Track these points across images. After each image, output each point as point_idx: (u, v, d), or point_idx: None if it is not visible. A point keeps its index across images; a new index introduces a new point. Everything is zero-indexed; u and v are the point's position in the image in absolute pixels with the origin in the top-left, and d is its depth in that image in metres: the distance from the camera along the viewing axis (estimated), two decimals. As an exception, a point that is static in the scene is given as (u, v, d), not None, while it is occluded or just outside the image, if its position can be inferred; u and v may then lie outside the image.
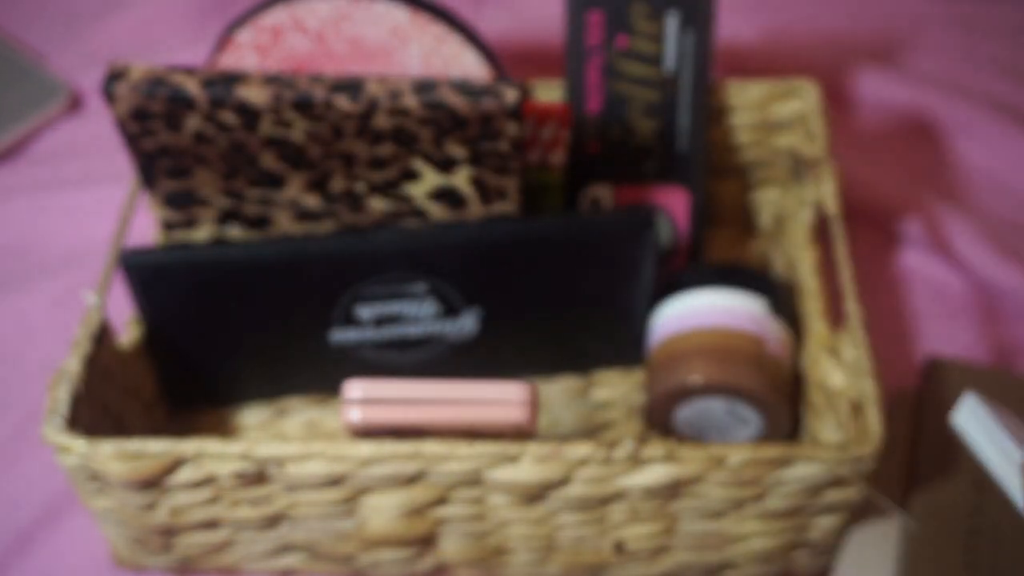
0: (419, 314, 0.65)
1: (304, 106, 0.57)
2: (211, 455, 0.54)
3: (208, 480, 0.55)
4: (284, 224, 0.64)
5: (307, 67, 0.65)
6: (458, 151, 0.59)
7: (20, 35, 0.99)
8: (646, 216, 0.63)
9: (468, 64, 0.65)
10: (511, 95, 0.57)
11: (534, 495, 0.55)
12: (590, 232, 0.63)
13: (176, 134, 0.58)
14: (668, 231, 0.73)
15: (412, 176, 0.61)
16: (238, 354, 0.66)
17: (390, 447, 0.54)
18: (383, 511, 0.57)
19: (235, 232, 0.64)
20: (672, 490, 0.55)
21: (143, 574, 0.64)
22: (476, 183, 0.61)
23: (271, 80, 0.57)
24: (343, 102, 0.57)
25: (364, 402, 0.54)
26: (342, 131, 0.58)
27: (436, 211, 0.63)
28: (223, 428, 0.69)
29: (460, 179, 0.61)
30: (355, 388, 0.54)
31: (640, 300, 0.67)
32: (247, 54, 0.65)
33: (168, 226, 0.63)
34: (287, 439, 0.56)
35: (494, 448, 0.53)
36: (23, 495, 0.67)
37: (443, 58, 0.65)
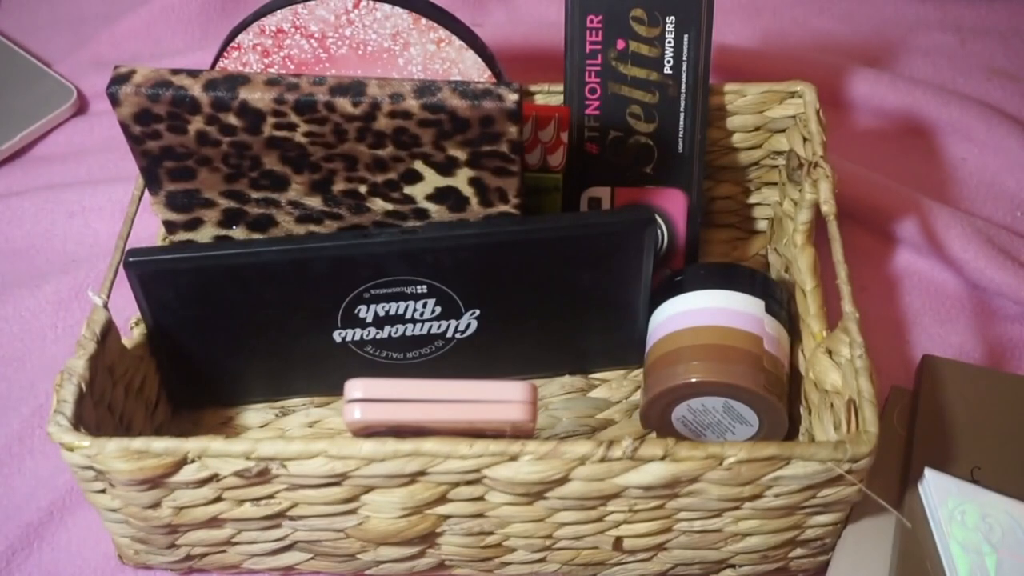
0: (420, 314, 0.65)
1: (306, 108, 0.57)
2: (214, 454, 0.54)
3: (211, 479, 0.55)
4: (286, 225, 0.64)
5: (309, 70, 0.66)
6: (459, 153, 0.59)
7: (28, 40, 1.00)
8: (645, 216, 0.63)
9: (468, 67, 0.65)
10: (511, 97, 0.57)
11: (534, 494, 0.56)
12: (590, 232, 0.63)
13: (180, 136, 0.59)
14: (666, 232, 0.74)
15: (413, 177, 0.61)
16: (241, 354, 0.66)
17: (391, 446, 0.54)
18: (384, 509, 0.57)
19: (238, 233, 0.64)
20: (670, 489, 0.55)
21: (147, 572, 0.64)
22: (476, 184, 0.61)
23: (273, 82, 0.57)
24: (345, 104, 0.57)
25: (365, 401, 0.54)
26: (344, 133, 0.58)
27: (437, 212, 0.63)
28: (226, 427, 0.70)
29: (461, 180, 0.61)
30: (356, 387, 0.54)
31: (639, 300, 0.67)
32: (250, 57, 0.65)
33: (171, 227, 0.64)
34: (289, 438, 0.56)
35: (494, 447, 0.53)
36: (29, 493, 0.68)
37: (444, 61, 0.65)
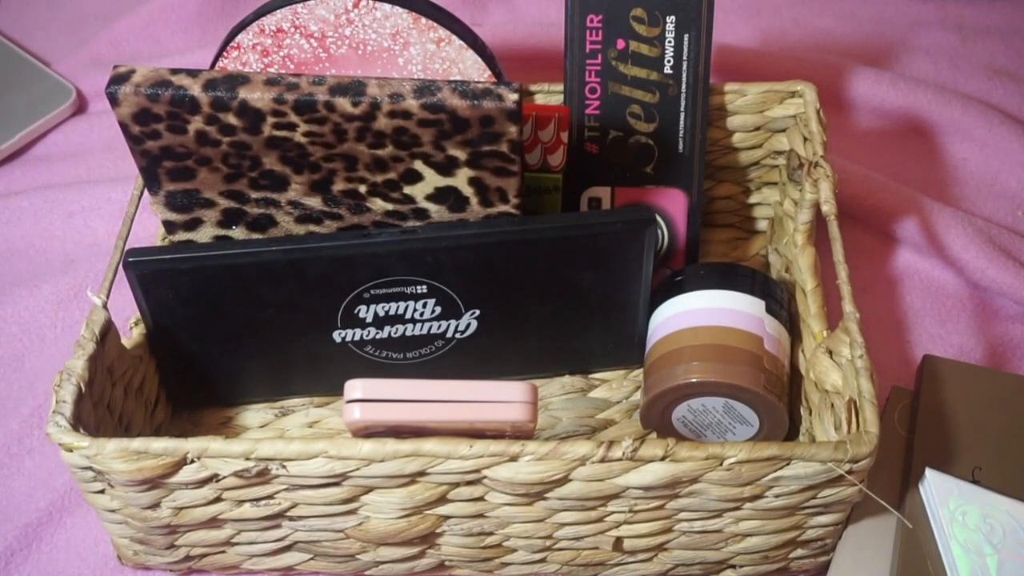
0: (420, 314, 0.65)
1: (306, 108, 0.57)
2: (214, 454, 0.54)
3: (211, 479, 0.55)
4: (286, 225, 0.64)
5: (309, 70, 0.66)
6: (459, 153, 0.59)
7: (28, 39, 1.00)
8: (646, 216, 0.63)
9: (468, 67, 0.65)
10: (511, 97, 0.57)
11: (534, 494, 0.56)
12: (590, 232, 0.63)
13: (179, 136, 0.59)
14: (666, 232, 0.74)
15: (413, 177, 0.61)
16: (241, 354, 0.66)
17: (391, 446, 0.54)
18: (384, 510, 0.57)
19: (237, 233, 0.64)
20: (670, 489, 0.55)
21: (146, 572, 0.64)
22: (476, 184, 0.61)
23: (273, 82, 0.57)
24: (345, 104, 0.57)
25: (365, 401, 0.54)
26: (344, 133, 0.58)
27: (437, 212, 0.63)
28: (226, 427, 0.69)
29: (461, 180, 0.61)
30: (356, 388, 0.54)
31: (639, 300, 0.67)
32: (250, 57, 0.65)
33: (171, 227, 0.64)
34: (289, 438, 0.56)
35: (494, 447, 0.53)
36: (28, 494, 0.68)
37: (444, 61, 0.65)
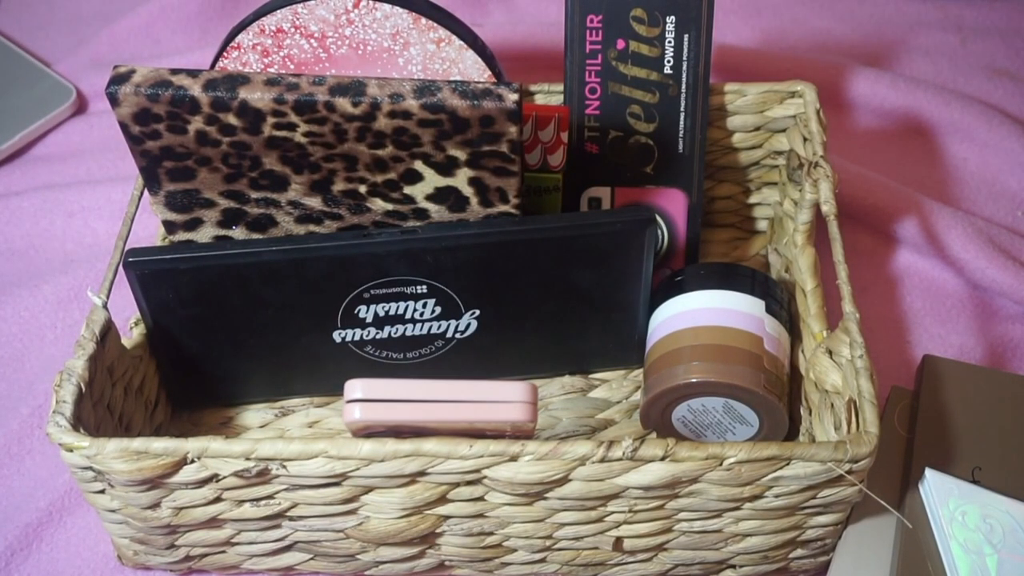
0: (420, 314, 0.65)
1: (306, 108, 0.57)
2: (214, 454, 0.54)
3: (211, 479, 0.55)
4: (286, 225, 0.64)
5: (309, 70, 0.66)
6: (459, 153, 0.59)
7: (28, 40, 1.00)
8: (646, 216, 0.63)
9: (468, 67, 0.65)
10: (511, 97, 0.57)
11: (534, 494, 0.56)
12: (590, 232, 0.63)
13: (179, 136, 0.59)
14: (666, 232, 0.74)
15: (413, 177, 0.61)
16: (240, 354, 0.66)
17: (391, 446, 0.54)
18: (384, 510, 0.57)
19: (238, 233, 0.64)
20: (670, 489, 0.55)
21: (146, 573, 0.64)
22: (476, 184, 0.61)
23: (273, 82, 0.57)
24: (345, 104, 0.57)
25: (365, 401, 0.54)
26: (344, 133, 0.58)
27: (437, 212, 0.63)
28: (226, 427, 0.70)
29: (461, 180, 0.61)
30: (356, 388, 0.54)
31: (639, 300, 0.67)
32: (250, 57, 0.65)
33: (171, 227, 0.64)
34: (289, 438, 0.56)
35: (494, 447, 0.53)
36: (28, 494, 0.68)
37: (444, 61, 0.65)
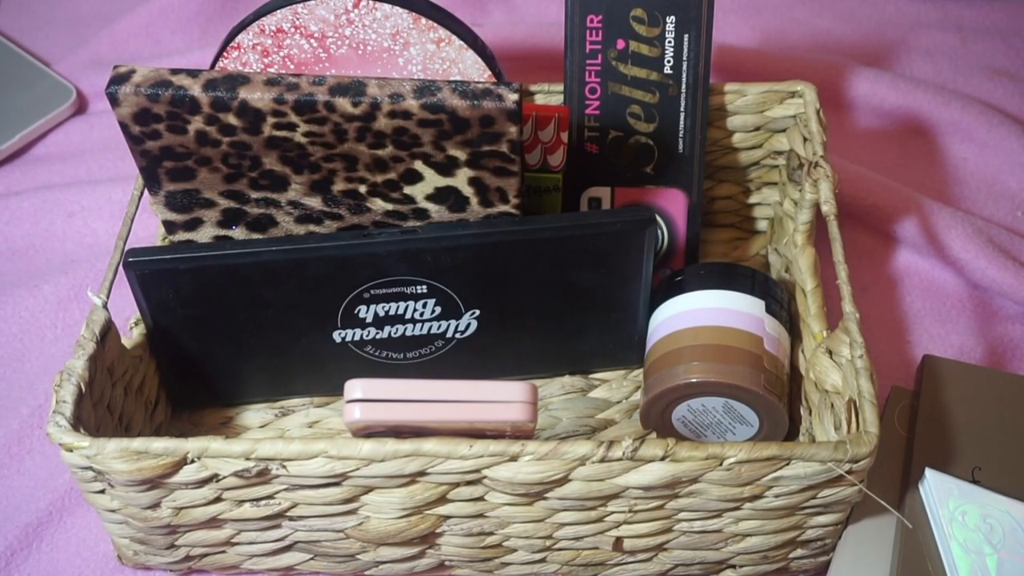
0: (420, 314, 0.65)
1: (306, 108, 0.57)
2: (214, 454, 0.54)
3: (211, 479, 0.55)
4: (286, 225, 0.64)
5: (309, 70, 0.66)
6: (459, 153, 0.59)
7: (28, 40, 1.00)
8: (646, 215, 0.63)
9: (468, 67, 0.65)
10: (511, 97, 0.57)
11: (534, 494, 0.56)
12: (590, 232, 0.63)
13: (179, 136, 0.59)
14: (666, 232, 0.74)
15: (413, 177, 0.61)
16: (241, 354, 0.66)
17: (391, 446, 0.54)
18: (384, 510, 0.57)
19: (238, 233, 0.64)
20: (670, 489, 0.55)
21: (146, 573, 0.64)
22: (476, 184, 0.61)
23: (273, 82, 0.57)
24: (345, 104, 0.57)
25: (365, 401, 0.54)
26: (344, 133, 0.58)
27: (437, 212, 0.63)
28: (226, 427, 0.70)
29: (461, 180, 0.61)
30: (356, 388, 0.54)
31: (639, 300, 0.67)
32: (250, 57, 0.65)
33: (171, 227, 0.64)
34: (289, 438, 0.56)
35: (494, 447, 0.53)
36: (28, 494, 0.68)
37: (444, 61, 0.65)
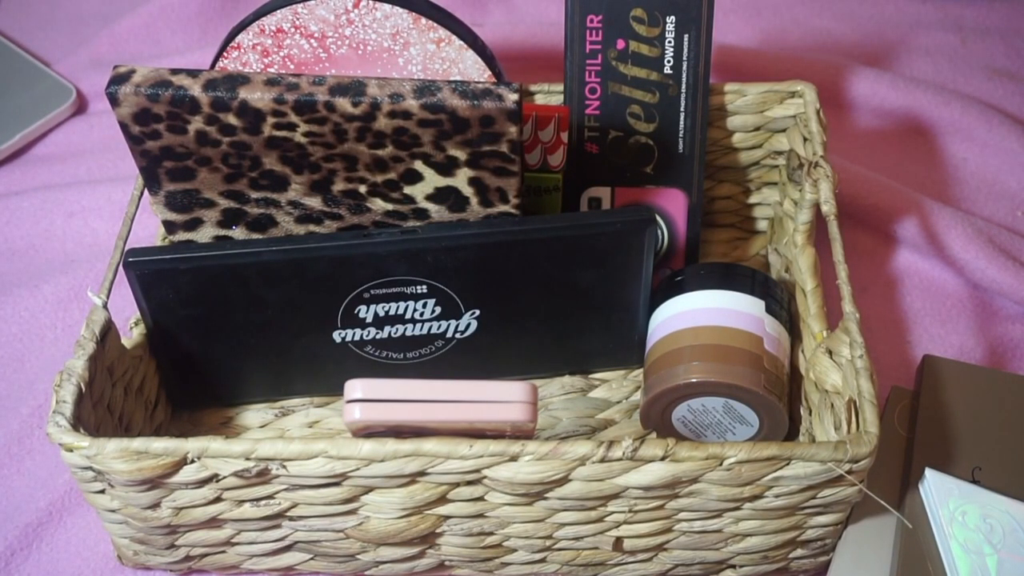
0: (420, 314, 0.65)
1: (306, 108, 0.57)
2: (214, 454, 0.54)
3: (211, 479, 0.55)
4: (286, 225, 0.64)
5: (309, 70, 0.66)
6: (459, 153, 0.59)
7: (28, 39, 1.00)
8: (646, 215, 0.63)
9: (468, 67, 0.65)
10: (511, 97, 0.57)
11: (534, 494, 0.56)
12: (590, 232, 0.63)
13: (179, 136, 0.59)
14: (666, 232, 0.74)
15: (413, 177, 0.61)
16: (241, 354, 0.66)
17: (391, 446, 0.54)
18: (384, 510, 0.57)
19: (238, 233, 0.64)
20: (670, 489, 0.55)
21: (146, 573, 0.64)
22: (476, 184, 0.61)
23: (273, 82, 0.57)
24: (345, 104, 0.57)
25: (365, 401, 0.54)
26: (344, 133, 0.58)
27: (437, 212, 0.63)
28: (226, 427, 0.70)
29: (461, 180, 0.61)
30: (356, 388, 0.54)
31: (639, 300, 0.67)
32: (250, 57, 0.65)
33: (171, 227, 0.64)
34: (289, 438, 0.56)
35: (494, 447, 0.53)
36: (28, 494, 0.68)
37: (444, 61, 0.65)
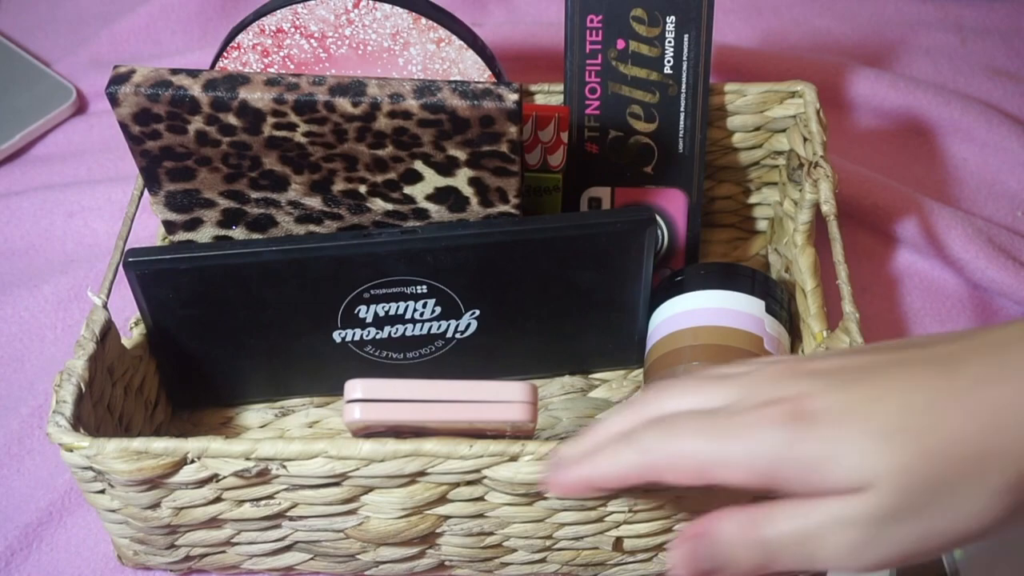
0: (420, 314, 0.65)
1: (306, 108, 0.57)
2: (214, 454, 0.54)
3: (211, 479, 0.55)
4: (286, 225, 0.64)
5: (309, 70, 0.66)
6: (459, 153, 0.59)
7: (28, 39, 1.00)
8: (646, 215, 0.63)
9: (468, 67, 0.65)
10: (511, 97, 0.57)
11: (534, 494, 0.56)
12: (590, 232, 0.63)
13: (179, 136, 0.59)
14: (666, 232, 0.74)
15: (413, 177, 0.61)
16: (240, 354, 0.66)
17: (391, 446, 0.54)
18: (384, 510, 0.57)
19: (238, 233, 0.64)
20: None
21: (146, 573, 0.64)
22: (476, 184, 0.61)
23: (273, 82, 0.57)
24: (345, 104, 0.57)
25: (365, 401, 0.54)
26: (344, 133, 0.58)
27: (437, 212, 0.63)
28: (226, 427, 0.70)
29: (461, 180, 0.61)
30: (356, 388, 0.54)
31: (639, 300, 0.67)
32: (250, 57, 0.65)
33: (171, 227, 0.64)
34: (289, 438, 0.56)
35: (494, 447, 0.53)
36: (28, 494, 0.68)
37: (444, 61, 0.65)
